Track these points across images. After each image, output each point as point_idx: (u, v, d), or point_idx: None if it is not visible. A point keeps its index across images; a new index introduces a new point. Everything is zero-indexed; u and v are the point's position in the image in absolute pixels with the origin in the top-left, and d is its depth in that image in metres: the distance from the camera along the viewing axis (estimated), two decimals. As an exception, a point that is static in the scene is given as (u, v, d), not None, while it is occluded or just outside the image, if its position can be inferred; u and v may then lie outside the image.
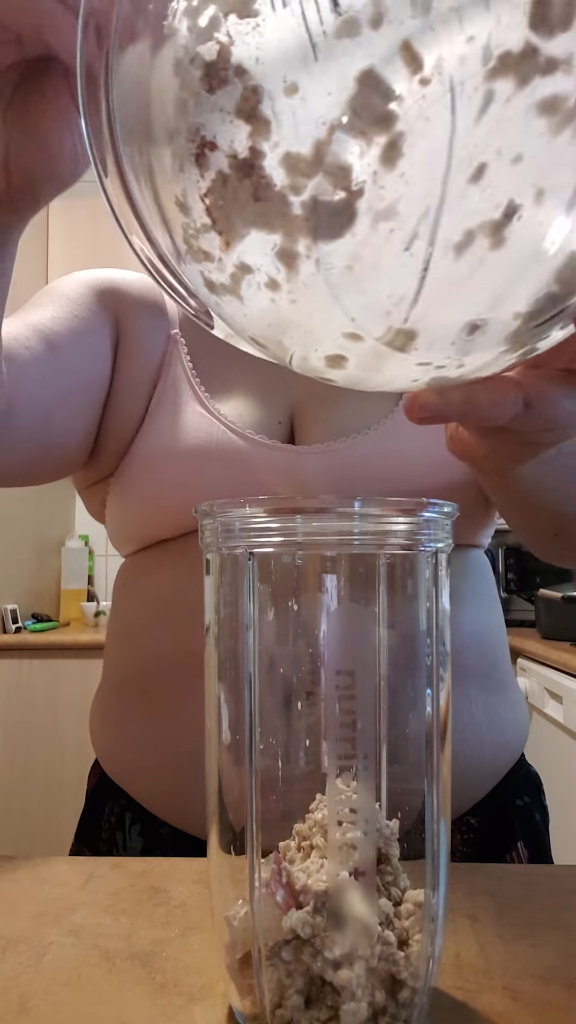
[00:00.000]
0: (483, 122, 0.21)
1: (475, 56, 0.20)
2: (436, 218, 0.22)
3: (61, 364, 0.55)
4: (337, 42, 0.20)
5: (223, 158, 0.22)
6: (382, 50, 0.20)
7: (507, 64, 0.20)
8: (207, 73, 0.22)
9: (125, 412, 0.60)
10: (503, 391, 0.29)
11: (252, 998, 0.28)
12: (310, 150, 0.21)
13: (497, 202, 0.22)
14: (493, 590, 0.65)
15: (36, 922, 0.38)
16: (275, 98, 0.21)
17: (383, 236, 0.22)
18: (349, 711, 0.27)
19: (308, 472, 0.56)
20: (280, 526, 0.28)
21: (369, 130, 0.21)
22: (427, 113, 0.21)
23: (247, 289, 0.25)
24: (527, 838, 0.59)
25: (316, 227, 0.23)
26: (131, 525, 0.60)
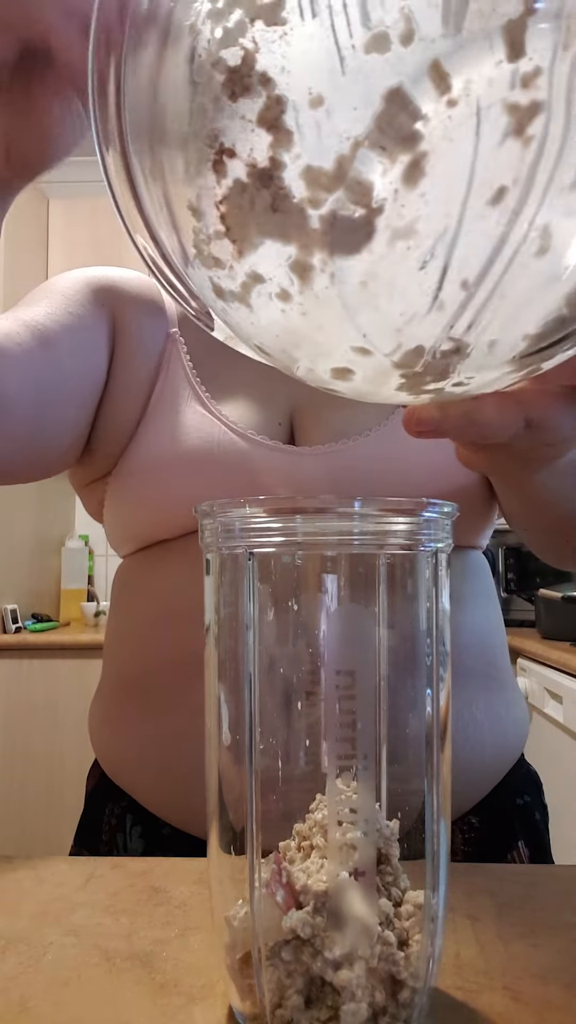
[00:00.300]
0: (506, 145, 0.20)
1: (503, 80, 0.20)
2: (453, 239, 0.22)
3: (54, 360, 0.55)
4: (366, 57, 0.20)
5: (241, 166, 0.22)
6: (411, 68, 0.20)
7: None
8: (230, 79, 0.21)
9: (123, 411, 0.59)
10: (504, 409, 0.28)
11: (252, 998, 0.28)
12: (332, 165, 0.21)
13: (514, 226, 0.22)
14: (492, 590, 0.65)
15: (36, 922, 0.38)
16: (299, 109, 0.21)
17: (400, 254, 0.22)
18: (349, 711, 0.27)
19: (308, 473, 0.56)
20: (280, 526, 0.28)
21: (393, 148, 0.21)
22: (452, 134, 0.20)
23: (257, 298, 0.25)
24: (528, 837, 0.59)
25: (333, 242, 0.22)
26: (130, 525, 0.60)
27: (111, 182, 0.25)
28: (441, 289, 0.23)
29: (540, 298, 0.24)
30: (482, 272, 0.22)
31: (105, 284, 0.61)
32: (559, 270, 0.23)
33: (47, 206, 2.70)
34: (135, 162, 0.24)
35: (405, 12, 0.19)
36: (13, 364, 0.51)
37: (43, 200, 2.68)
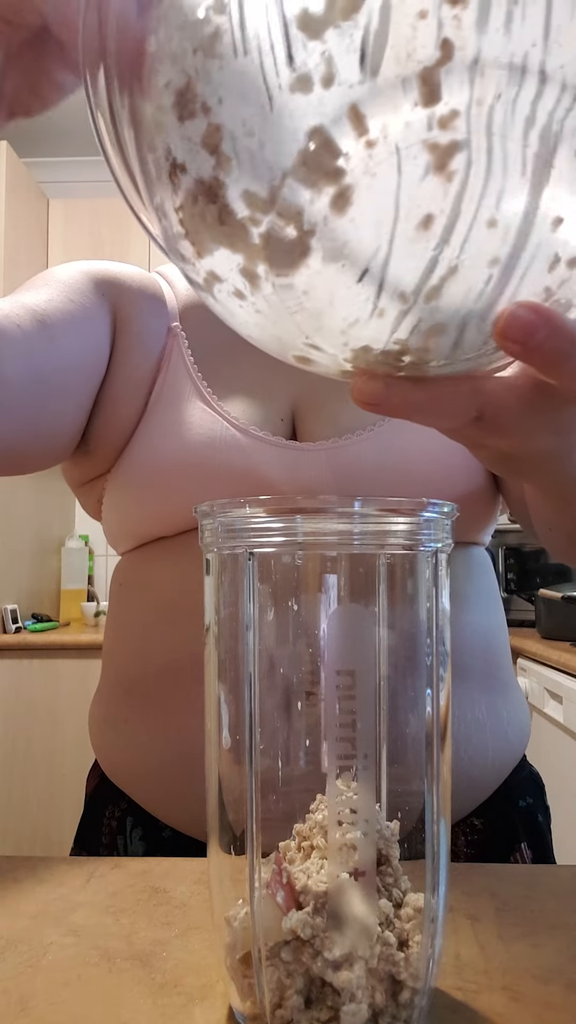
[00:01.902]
0: (428, 179, 0.22)
1: (420, 122, 0.21)
2: (386, 258, 0.23)
3: (54, 345, 0.54)
4: (291, 96, 0.21)
5: (192, 181, 0.24)
6: (331, 110, 0.21)
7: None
8: (178, 102, 0.23)
9: (123, 406, 0.59)
10: (454, 397, 0.27)
11: (252, 998, 0.28)
12: (266, 191, 0.23)
13: (443, 246, 0.23)
14: (495, 589, 0.64)
15: (36, 922, 0.38)
16: (236, 138, 0.22)
17: (336, 270, 0.24)
18: (349, 711, 0.27)
19: (311, 469, 0.56)
20: (280, 526, 0.28)
21: (318, 181, 0.22)
22: (374, 171, 0.22)
23: (218, 293, 0.27)
24: (530, 839, 0.59)
25: (270, 258, 0.24)
26: (130, 522, 0.60)
27: (113, 171, 0.27)
28: (379, 300, 0.24)
29: (464, 313, 0.25)
30: (418, 287, 0.24)
31: (106, 276, 0.61)
32: (501, 289, 0.24)
33: (47, 206, 2.70)
34: (131, 158, 0.26)
35: (326, 56, 0.21)
36: (14, 346, 0.51)
37: (43, 200, 2.68)
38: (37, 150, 2.83)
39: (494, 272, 0.23)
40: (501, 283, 0.24)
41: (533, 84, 0.21)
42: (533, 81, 0.21)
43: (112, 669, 0.62)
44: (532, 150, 0.22)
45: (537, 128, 0.21)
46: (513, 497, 0.60)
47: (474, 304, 0.24)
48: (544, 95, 0.21)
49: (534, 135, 0.21)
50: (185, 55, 0.22)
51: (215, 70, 0.22)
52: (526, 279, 0.24)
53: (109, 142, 0.26)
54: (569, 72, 0.21)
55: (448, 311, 0.24)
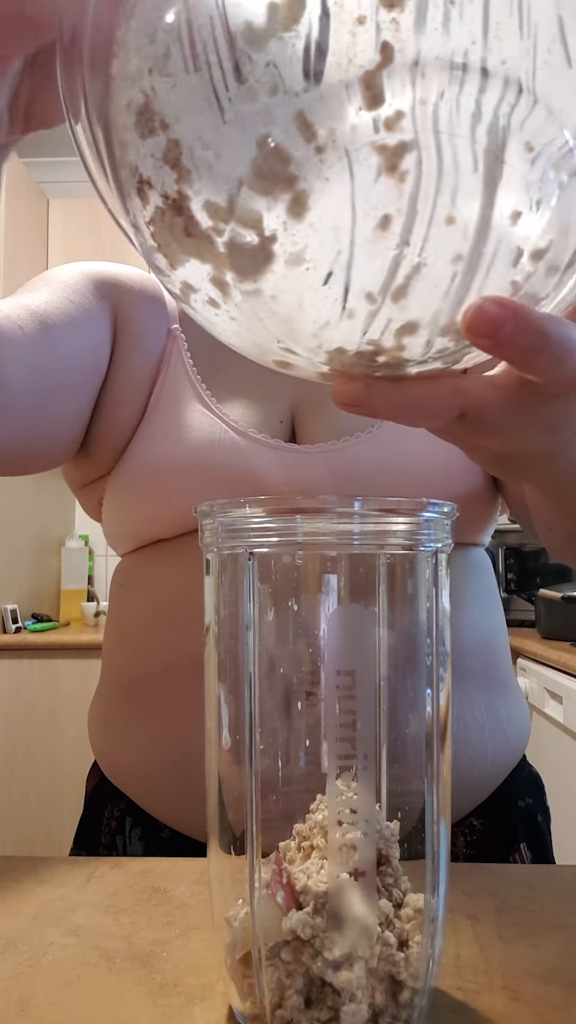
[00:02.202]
0: (381, 181, 0.22)
1: (366, 125, 0.21)
2: (349, 260, 0.23)
3: (54, 346, 0.54)
4: (240, 107, 0.22)
5: (158, 196, 0.24)
6: (279, 118, 0.22)
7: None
8: (138, 120, 0.23)
9: (123, 408, 0.59)
10: (435, 396, 0.27)
11: (252, 998, 0.28)
12: (225, 200, 0.23)
13: (403, 245, 0.23)
14: (494, 590, 0.64)
15: (36, 922, 0.38)
16: (194, 152, 0.23)
17: (300, 274, 0.24)
18: (349, 711, 0.27)
19: (309, 472, 0.56)
20: (280, 526, 0.28)
21: (273, 188, 0.23)
22: (326, 175, 0.22)
23: (195, 303, 0.27)
24: (530, 840, 0.59)
25: (235, 265, 0.24)
26: (130, 524, 0.60)
27: (99, 191, 0.27)
28: (347, 301, 0.24)
29: (432, 310, 0.25)
30: (384, 286, 0.24)
31: (106, 277, 0.61)
32: (466, 285, 0.24)
33: (47, 206, 2.70)
34: (110, 177, 0.26)
35: (270, 67, 0.21)
36: (16, 347, 0.51)
37: (43, 200, 2.68)
38: (37, 150, 2.83)
39: (458, 269, 0.24)
40: (467, 279, 0.24)
41: (475, 81, 0.21)
42: (475, 78, 0.21)
43: (112, 670, 0.62)
44: (481, 146, 0.22)
45: (484, 124, 0.22)
46: (513, 497, 0.60)
47: (442, 301, 0.24)
48: (488, 91, 0.21)
49: (481, 131, 0.22)
50: (141, 75, 0.23)
51: (169, 88, 0.22)
52: (491, 275, 0.24)
53: (92, 163, 0.26)
54: (511, 68, 0.21)
55: (417, 309, 0.25)
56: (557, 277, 0.25)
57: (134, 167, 0.24)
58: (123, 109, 0.24)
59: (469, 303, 0.24)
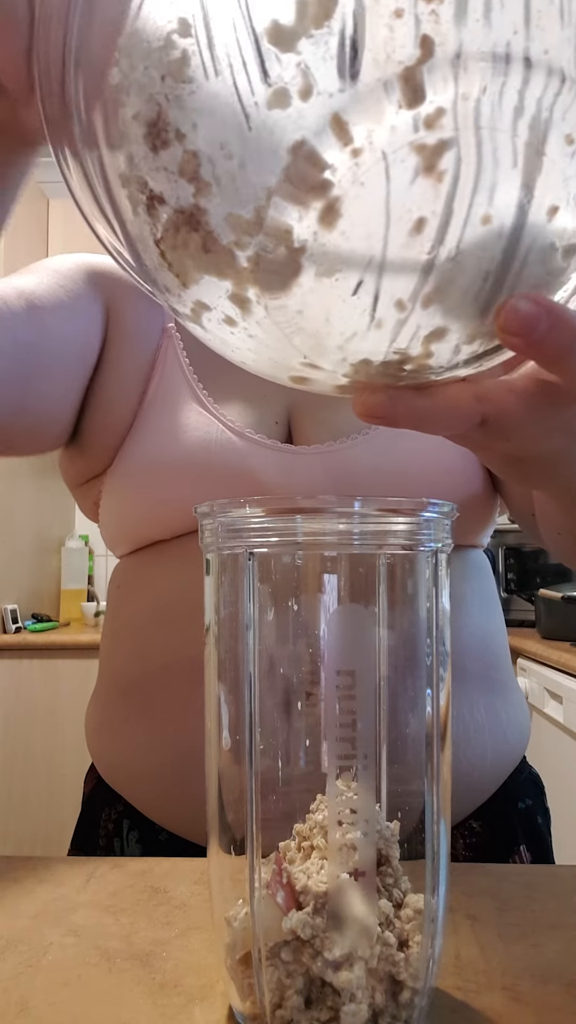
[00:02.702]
0: (418, 182, 0.21)
1: (406, 124, 0.20)
2: (380, 267, 0.22)
3: (41, 326, 0.54)
4: (269, 113, 0.20)
5: (172, 212, 0.23)
6: (312, 122, 0.20)
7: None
8: (149, 132, 0.22)
9: (117, 403, 0.59)
10: (458, 404, 0.26)
11: (252, 998, 0.28)
12: (251, 213, 0.22)
13: (437, 248, 0.22)
14: (493, 591, 0.64)
15: (36, 922, 0.38)
16: (215, 162, 0.21)
17: (329, 285, 0.23)
18: (349, 711, 0.27)
19: (306, 473, 0.56)
20: (280, 526, 0.28)
21: (305, 197, 0.21)
22: (362, 179, 0.21)
23: (207, 322, 0.26)
24: (530, 841, 0.59)
25: (260, 281, 0.23)
26: (126, 525, 0.60)
27: (82, 210, 0.26)
28: (376, 311, 0.23)
29: (480, 307, 0.24)
30: (415, 292, 0.23)
31: (101, 269, 0.61)
32: (499, 286, 0.24)
33: (47, 206, 2.70)
34: (101, 195, 0.25)
35: (302, 68, 0.20)
36: (1, 324, 0.51)
37: (43, 200, 2.68)
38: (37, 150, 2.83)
39: (491, 269, 0.23)
40: (499, 279, 0.23)
41: (519, 72, 0.20)
42: (519, 69, 0.20)
43: (109, 672, 0.62)
44: (522, 140, 0.21)
45: (526, 117, 0.21)
46: (513, 499, 0.60)
47: (473, 304, 0.24)
48: (531, 82, 0.20)
49: (523, 125, 0.21)
50: (153, 83, 0.21)
51: (187, 95, 0.21)
52: (524, 273, 0.23)
53: (76, 182, 0.25)
54: (554, 56, 0.20)
55: (448, 314, 0.24)
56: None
57: (143, 182, 0.23)
58: (128, 121, 0.22)
59: (500, 303, 0.24)
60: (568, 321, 0.23)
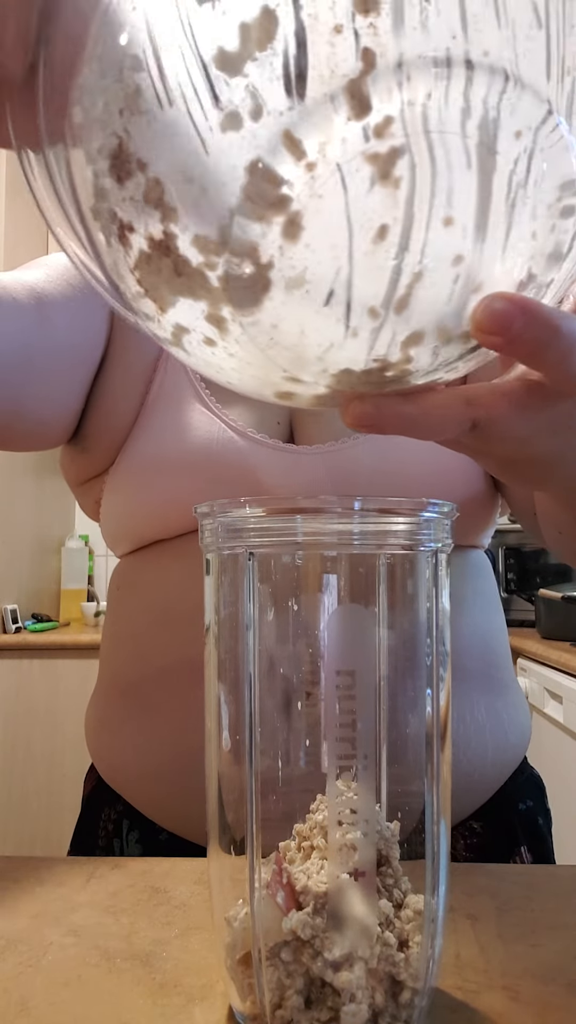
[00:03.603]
0: (375, 190, 0.22)
1: (356, 135, 0.21)
2: (349, 277, 0.23)
3: (48, 324, 0.54)
4: (223, 135, 0.21)
5: (142, 239, 0.24)
6: (265, 141, 0.21)
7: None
8: (113, 165, 0.23)
9: (119, 402, 0.59)
10: (447, 408, 0.27)
11: (252, 998, 0.28)
12: (216, 233, 0.22)
13: (403, 253, 0.23)
14: (494, 591, 0.64)
15: (36, 922, 0.38)
16: (177, 187, 0.22)
17: (300, 298, 0.23)
18: (349, 711, 0.27)
19: (307, 473, 0.56)
20: (280, 526, 0.28)
21: (266, 213, 0.22)
22: (319, 191, 0.22)
23: (189, 345, 0.27)
24: (530, 843, 0.59)
25: (233, 298, 0.24)
26: (128, 524, 0.60)
27: (70, 255, 0.27)
28: (350, 320, 0.24)
29: (438, 316, 0.25)
30: (386, 299, 0.24)
31: None
32: (470, 285, 0.24)
33: (47, 206, 2.70)
34: (79, 231, 0.26)
35: (250, 90, 0.20)
36: (6, 317, 0.51)
37: (43, 200, 2.68)
38: (37, 150, 2.83)
39: (460, 270, 0.23)
40: (470, 279, 0.24)
41: (461, 75, 0.21)
42: (461, 72, 0.21)
43: (109, 672, 0.62)
44: (473, 141, 0.22)
45: (475, 118, 0.21)
46: (515, 499, 0.60)
47: (446, 305, 0.24)
48: (475, 84, 0.21)
49: (472, 125, 0.21)
50: (111, 117, 0.22)
51: (144, 126, 0.22)
52: (494, 272, 0.24)
53: (54, 214, 0.26)
54: (495, 57, 0.21)
55: (422, 318, 0.24)
56: (559, 264, 0.25)
57: (112, 213, 0.23)
58: (95, 156, 0.23)
59: (475, 303, 0.24)
60: (542, 315, 0.24)
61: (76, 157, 0.23)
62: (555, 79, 0.22)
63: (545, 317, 0.24)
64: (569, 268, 0.26)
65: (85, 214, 0.24)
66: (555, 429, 0.29)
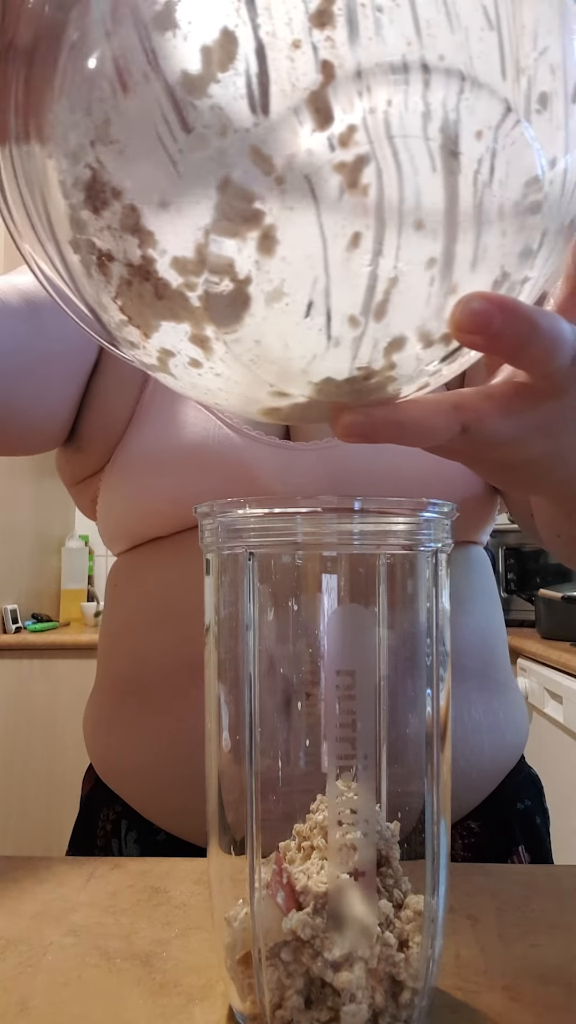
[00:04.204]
0: (344, 199, 0.22)
1: (321, 146, 0.22)
2: (327, 286, 0.23)
3: (40, 327, 0.54)
4: (193, 156, 0.22)
5: (121, 267, 0.24)
6: (234, 158, 0.22)
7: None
8: (88, 196, 0.23)
9: (114, 402, 0.59)
10: (436, 414, 0.27)
11: (252, 998, 0.28)
12: (193, 253, 0.23)
13: (377, 259, 0.23)
14: (493, 588, 0.64)
15: (36, 922, 0.38)
16: (152, 211, 0.23)
17: (280, 311, 0.24)
18: (349, 711, 0.27)
19: (304, 470, 0.56)
20: (280, 526, 0.28)
21: (240, 229, 0.22)
22: (290, 204, 0.22)
23: (175, 368, 0.27)
24: (528, 842, 0.59)
25: (214, 317, 0.24)
26: (124, 522, 0.59)
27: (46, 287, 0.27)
28: (331, 329, 0.24)
29: (420, 318, 0.25)
30: (365, 306, 0.24)
31: None
32: (446, 287, 0.24)
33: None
34: (58, 264, 0.26)
35: (215, 110, 0.21)
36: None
37: (43, 200, 2.68)
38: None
39: (434, 273, 0.24)
40: (445, 282, 0.24)
41: (419, 80, 0.21)
42: (418, 77, 0.21)
43: (107, 671, 0.62)
44: (436, 143, 0.22)
45: (435, 121, 0.22)
46: (513, 502, 0.60)
47: (424, 308, 0.25)
48: (432, 87, 0.21)
49: (434, 128, 0.22)
50: (84, 150, 0.23)
51: (116, 155, 0.22)
52: (467, 272, 0.24)
53: (36, 256, 0.26)
54: (450, 60, 0.21)
55: (401, 323, 0.25)
56: (530, 261, 0.25)
57: (91, 244, 0.24)
58: (69, 189, 0.23)
59: (452, 304, 0.24)
60: (521, 312, 0.24)
61: (52, 194, 0.24)
62: (511, 79, 0.22)
63: (523, 313, 0.24)
64: (542, 266, 0.26)
65: (63, 248, 0.25)
66: (547, 430, 0.29)
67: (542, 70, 0.23)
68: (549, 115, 0.23)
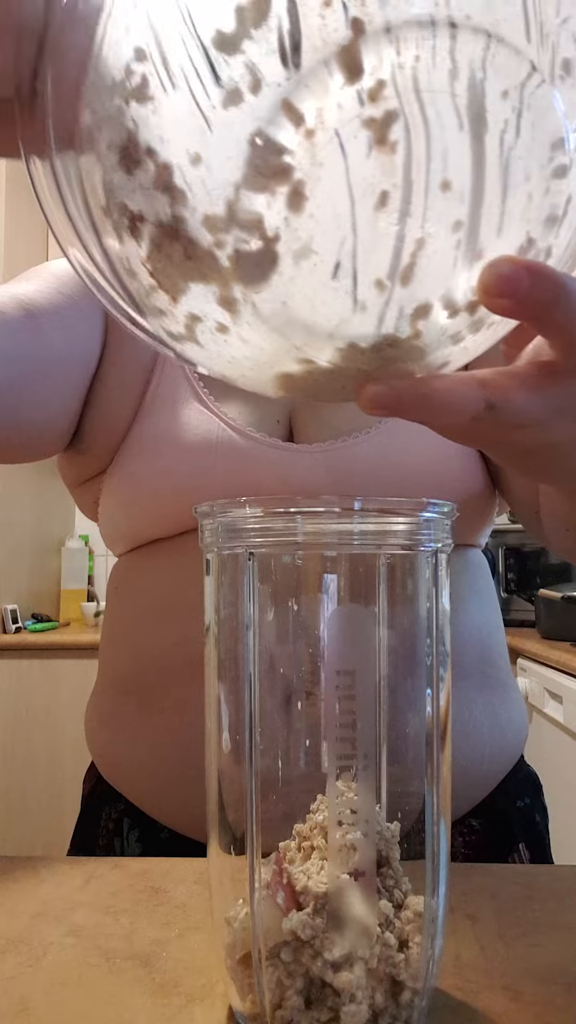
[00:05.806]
0: (373, 155, 0.23)
1: (351, 100, 0.22)
2: (354, 246, 0.24)
3: (40, 335, 0.54)
4: (225, 112, 0.22)
5: (152, 228, 0.25)
6: (265, 112, 0.22)
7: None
8: (122, 157, 0.24)
9: (117, 404, 0.59)
10: (462, 390, 0.26)
11: (252, 998, 0.28)
12: (223, 209, 0.24)
13: (404, 219, 0.23)
14: (492, 589, 0.64)
15: (36, 922, 0.38)
16: (184, 170, 0.23)
17: (308, 271, 0.24)
18: (349, 711, 0.27)
19: (307, 471, 0.56)
20: (280, 526, 0.28)
21: (270, 183, 0.23)
22: (320, 159, 0.23)
23: (202, 335, 0.27)
24: (528, 840, 0.59)
25: (243, 276, 0.25)
26: (126, 523, 0.59)
27: (73, 262, 0.27)
28: (357, 291, 0.25)
29: (449, 283, 0.25)
30: (391, 269, 0.24)
31: None
32: (472, 252, 0.25)
33: (47, 206, 2.70)
34: (88, 238, 0.27)
35: (248, 66, 0.22)
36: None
37: (43, 200, 2.68)
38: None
39: (461, 236, 0.24)
40: (471, 245, 0.24)
41: (446, 37, 0.22)
42: (445, 34, 0.22)
43: (108, 670, 0.62)
44: (463, 101, 0.23)
45: (462, 79, 0.22)
46: (517, 497, 0.60)
47: (451, 273, 0.25)
48: (459, 43, 0.22)
49: (461, 86, 0.22)
50: (121, 112, 0.23)
51: (151, 113, 0.23)
52: (493, 236, 0.24)
53: (64, 228, 0.26)
54: (476, 19, 0.22)
55: (427, 288, 0.25)
56: (556, 229, 0.26)
57: (123, 207, 0.24)
58: (104, 153, 0.24)
59: (479, 269, 0.24)
60: (548, 274, 0.24)
61: (85, 162, 0.25)
62: (535, 42, 0.23)
63: (552, 277, 0.24)
64: (567, 235, 0.26)
65: (95, 216, 0.25)
66: (571, 412, 0.29)
67: (564, 37, 0.23)
68: (573, 82, 0.24)
